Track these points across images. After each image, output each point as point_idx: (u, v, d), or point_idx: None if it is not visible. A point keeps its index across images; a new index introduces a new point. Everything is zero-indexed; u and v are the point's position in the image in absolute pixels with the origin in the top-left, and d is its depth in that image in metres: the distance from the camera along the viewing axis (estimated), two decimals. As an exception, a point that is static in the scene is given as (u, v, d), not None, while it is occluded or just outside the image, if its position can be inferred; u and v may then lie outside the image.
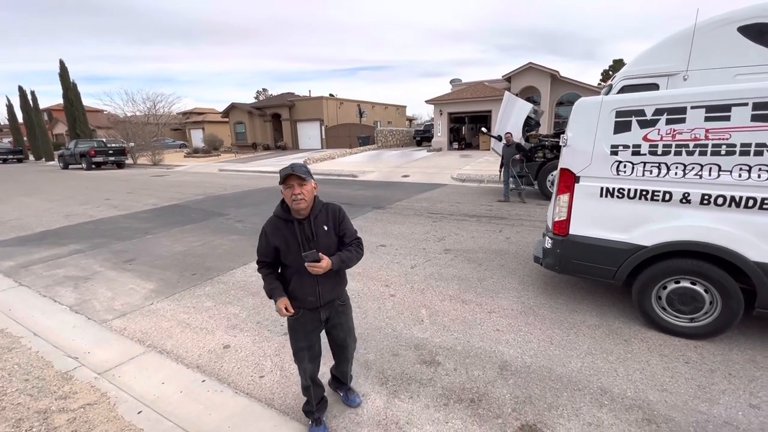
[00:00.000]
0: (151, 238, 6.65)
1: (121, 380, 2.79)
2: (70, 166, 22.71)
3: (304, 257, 1.90)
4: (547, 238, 3.65)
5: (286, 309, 2.01)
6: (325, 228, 2.04)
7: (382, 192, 10.86)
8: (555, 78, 20.39)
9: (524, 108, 9.49)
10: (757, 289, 2.77)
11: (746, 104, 2.60)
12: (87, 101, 28.17)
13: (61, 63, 26.46)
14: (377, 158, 20.19)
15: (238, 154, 27.57)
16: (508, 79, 21.17)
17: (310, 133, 30.24)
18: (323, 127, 29.30)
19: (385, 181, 13.27)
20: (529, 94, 19.95)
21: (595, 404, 2.43)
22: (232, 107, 31.81)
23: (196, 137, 36.48)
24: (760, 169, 2.62)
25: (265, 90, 57.31)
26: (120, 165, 22.38)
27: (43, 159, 30.48)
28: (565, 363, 2.86)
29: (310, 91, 34.74)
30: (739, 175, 2.68)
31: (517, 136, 9.42)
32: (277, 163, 20.70)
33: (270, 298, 2.06)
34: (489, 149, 10.98)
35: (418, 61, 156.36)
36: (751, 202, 2.67)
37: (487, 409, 2.41)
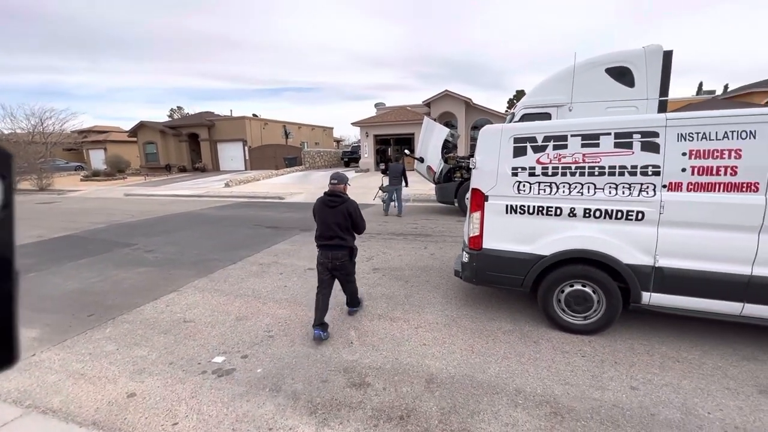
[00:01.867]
0: (35, 277, 5.68)
1: (-11, 453, 2.30)
2: None
3: None
4: (464, 252, 3.93)
5: None
6: None
7: (309, 214, 10.62)
8: (469, 105, 22.38)
9: (442, 132, 10.24)
10: (630, 288, 3.30)
11: (610, 134, 3.16)
12: (-53, 116, 23.58)
13: None
14: (305, 179, 19.93)
15: (148, 177, 25.06)
16: (428, 104, 22.71)
17: (232, 154, 28.81)
18: (247, 148, 28.15)
19: (313, 202, 13.09)
20: (447, 119, 21.56)
21: (512, 405, 2.63)
22: (141, 126, 29.05)
23: (97, 158, 32.40)
24: (623, 187, 3.17)
25: (180, 108, 53.33)
26: (-7, 191, 18.88)
27: None
28: (485, 369, 3.06)
29: (231, 110, 33.30)
30: (609, 192, 3.22)
31: (437, 158, 10.09)
32: (194, 186, 19.26)
33: None
34: (413, 170, 11.56)
35: (343, 84, 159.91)
36: (619, 215, 3.21)
37: (415, 425, 2.47)
